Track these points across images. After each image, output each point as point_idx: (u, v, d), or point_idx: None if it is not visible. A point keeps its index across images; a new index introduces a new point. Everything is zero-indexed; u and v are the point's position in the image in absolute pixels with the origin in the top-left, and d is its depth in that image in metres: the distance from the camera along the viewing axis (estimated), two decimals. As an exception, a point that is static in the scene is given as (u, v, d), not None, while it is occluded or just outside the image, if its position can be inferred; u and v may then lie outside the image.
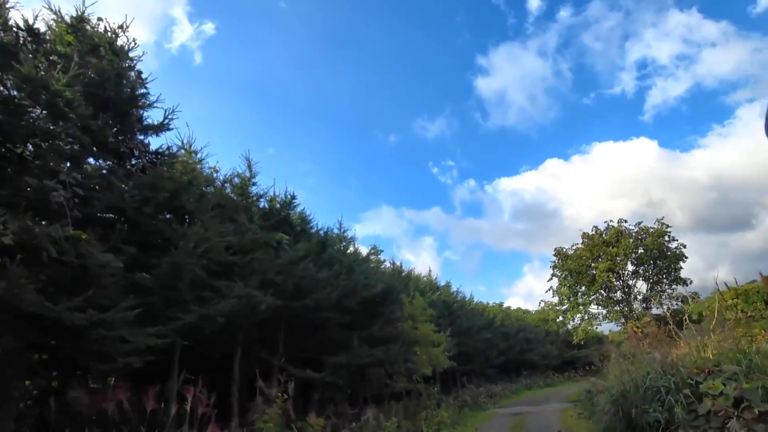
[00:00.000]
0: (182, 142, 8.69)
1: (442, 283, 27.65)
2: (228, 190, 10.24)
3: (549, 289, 26.42)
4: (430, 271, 25.58)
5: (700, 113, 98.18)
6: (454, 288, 27.75)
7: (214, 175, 9.64)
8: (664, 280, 23.41)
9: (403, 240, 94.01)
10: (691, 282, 22.91)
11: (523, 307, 53.18)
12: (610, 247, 23.27)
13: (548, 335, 46.92)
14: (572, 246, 25.61)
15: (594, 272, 23.57)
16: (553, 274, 26.22)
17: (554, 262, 25.96)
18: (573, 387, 35.57)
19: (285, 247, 10.53)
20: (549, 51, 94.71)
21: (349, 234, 15.46)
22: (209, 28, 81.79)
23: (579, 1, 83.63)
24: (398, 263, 21.32)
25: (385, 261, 20.29)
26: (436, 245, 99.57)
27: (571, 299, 24.99)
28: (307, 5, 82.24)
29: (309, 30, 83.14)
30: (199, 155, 8.99)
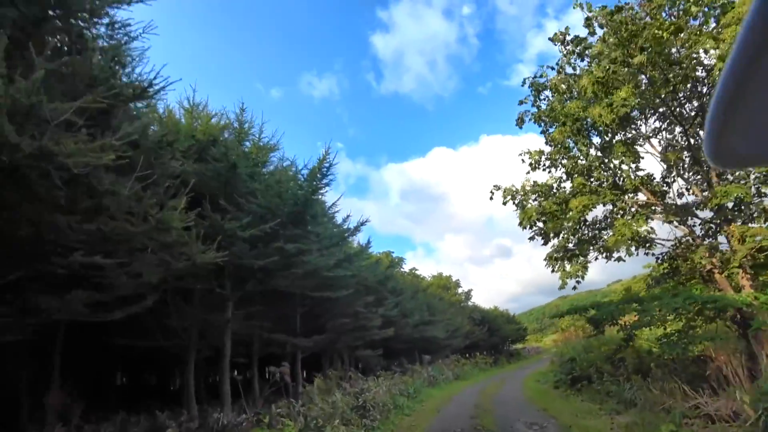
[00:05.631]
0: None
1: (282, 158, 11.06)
2: None
3: (523, 155, 11.60)
4: (242, 107, 8.83)
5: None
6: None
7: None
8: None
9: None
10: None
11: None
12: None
13: (452, 307, 33.31)
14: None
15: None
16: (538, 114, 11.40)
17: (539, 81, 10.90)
18: (492, 380, 21.96)
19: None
20: (457, 11, 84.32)
21: None
22: None
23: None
24: None
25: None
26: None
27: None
28: None
29: None
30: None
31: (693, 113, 10.62)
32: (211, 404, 11.06)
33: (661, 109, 10.67)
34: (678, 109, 10.28)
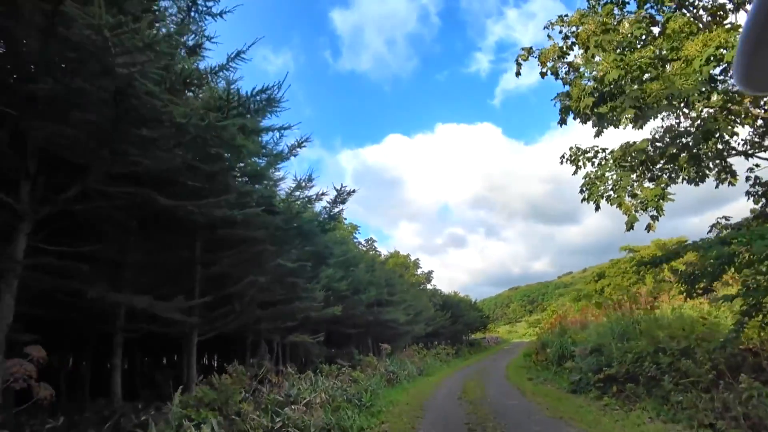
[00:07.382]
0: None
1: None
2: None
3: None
4: None
5: (546, 108, 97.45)
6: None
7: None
8: None
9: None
10: None
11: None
12: None
13: (413, 287, 28.72)
14: None
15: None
16: None
17: None
18: (464, 375, 17.31)
19: None
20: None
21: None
22: None
23: None
24: None
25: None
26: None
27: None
28: None
29: None
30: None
31: None
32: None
33: None
34: None
